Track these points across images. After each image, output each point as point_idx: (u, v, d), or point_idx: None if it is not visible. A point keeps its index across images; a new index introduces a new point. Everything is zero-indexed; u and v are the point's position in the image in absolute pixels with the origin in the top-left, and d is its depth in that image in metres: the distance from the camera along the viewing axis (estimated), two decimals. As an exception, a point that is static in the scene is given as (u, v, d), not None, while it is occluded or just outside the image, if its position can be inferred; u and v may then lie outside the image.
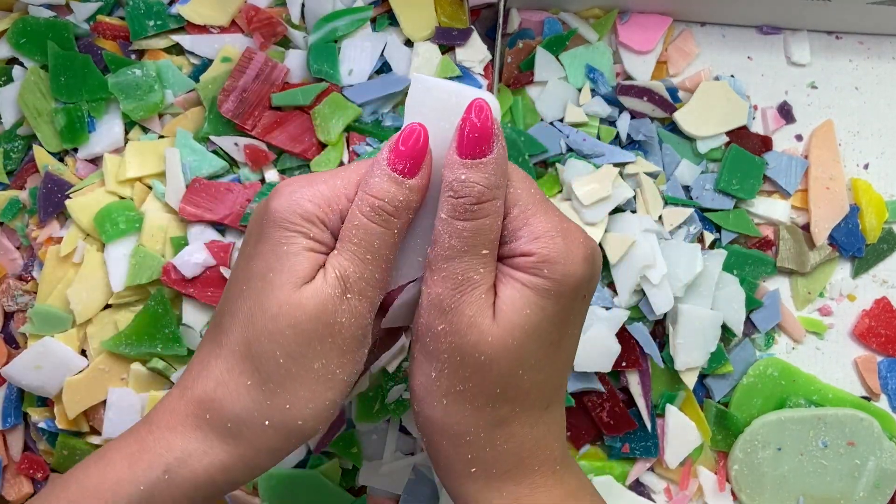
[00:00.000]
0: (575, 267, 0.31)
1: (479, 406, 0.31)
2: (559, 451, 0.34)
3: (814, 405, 0.48)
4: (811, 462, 0.47)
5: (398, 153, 0.31)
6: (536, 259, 0.31)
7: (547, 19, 0.50)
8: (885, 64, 0.52)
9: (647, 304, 0.47)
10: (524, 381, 0.31)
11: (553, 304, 0.31)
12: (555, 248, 0.31)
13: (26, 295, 0.47)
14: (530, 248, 0.31)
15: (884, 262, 0.50)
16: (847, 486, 0.47)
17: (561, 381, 0.34)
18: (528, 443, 0.32)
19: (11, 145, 0.47)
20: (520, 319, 0.30)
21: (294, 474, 0.45)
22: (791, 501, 0.47)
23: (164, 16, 0.48)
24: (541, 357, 0.31)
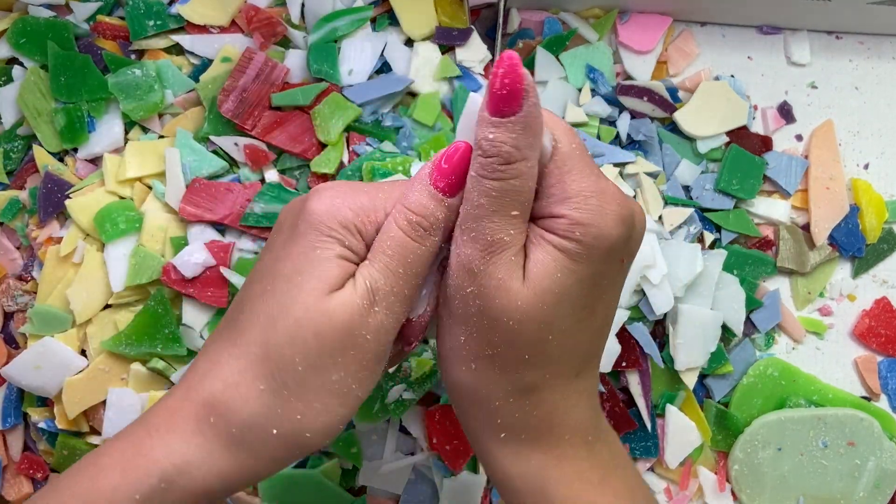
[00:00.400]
0: (609, 230, 0.29)
1: (507, 371, 0.31)
2: (591, 420, 0.33)
3: (814, 405, 0.48)
4: (811, 462, 0.47)
5: (441, 170, 0.30)
6: (568, 221, 0.29)
7: (547, 19, 0.50)
8: (885, 64, 0.52)
9: (647, 304, 0.47)
10: (554, 348, 0.30)
11: (585, 269, 0.29)
12: (588, 210, 0.29)
13: (26, 295, 0.47)
14: (562, 210, 0.29)
15: (884, 262, 0.50)
16: (847, 486, 0.47)
17: (594, 348, 0.33)
18: (558, 411, 0.31)
19: (11, 145, 0.47)
20: (550, 283, 0.29)
21: (294, 474, 0.45)
22: (791, 501, 0.47)
23: (164, 16, 0.48)
24: (572, 323, 0.30)
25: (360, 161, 0.46)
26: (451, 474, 0.46)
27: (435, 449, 0.46)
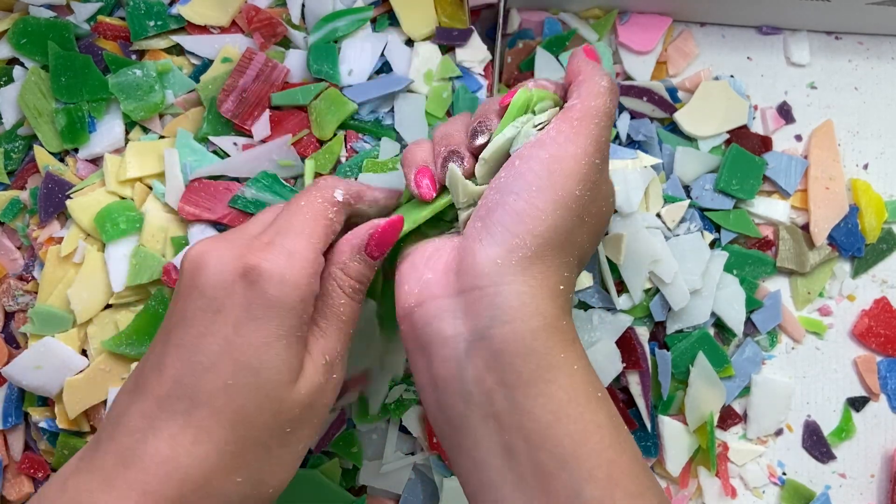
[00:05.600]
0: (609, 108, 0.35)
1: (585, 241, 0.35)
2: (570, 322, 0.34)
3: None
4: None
5: (378, 245, 0.35)
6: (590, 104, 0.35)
7: (547, 19, 0.50)
8: (884, 64, 0.52)
9: (657, 303, 0.47)
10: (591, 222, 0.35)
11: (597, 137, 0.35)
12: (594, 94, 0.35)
13: (27, 295, 0.47)
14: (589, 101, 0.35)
15: (883, 262, 0.50)
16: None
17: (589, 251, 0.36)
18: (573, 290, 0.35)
19: (12, 145, 0.47)
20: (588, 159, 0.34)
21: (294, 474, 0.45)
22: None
23: (165, 16, 0.48)
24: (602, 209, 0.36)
25: (358, 158, 0.46)
26: (451, 474, 0.46)
27: (435, 449, 0.46)
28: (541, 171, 0.33)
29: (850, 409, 0.49)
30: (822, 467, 0.49)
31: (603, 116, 0.35)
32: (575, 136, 0.34)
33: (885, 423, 0.49)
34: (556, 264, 0.33)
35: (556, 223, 0.33)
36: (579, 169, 0.33)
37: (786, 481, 0.49)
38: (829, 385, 0.50)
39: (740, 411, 0.49)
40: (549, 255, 0.33)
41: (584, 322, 0.46)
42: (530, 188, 0.33)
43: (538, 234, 0.33)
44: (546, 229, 0.33)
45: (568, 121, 0.34)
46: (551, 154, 0.34)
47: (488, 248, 0.33)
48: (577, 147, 0.34)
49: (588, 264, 0.47)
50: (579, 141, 0.34)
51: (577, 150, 0.34)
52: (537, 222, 0.33)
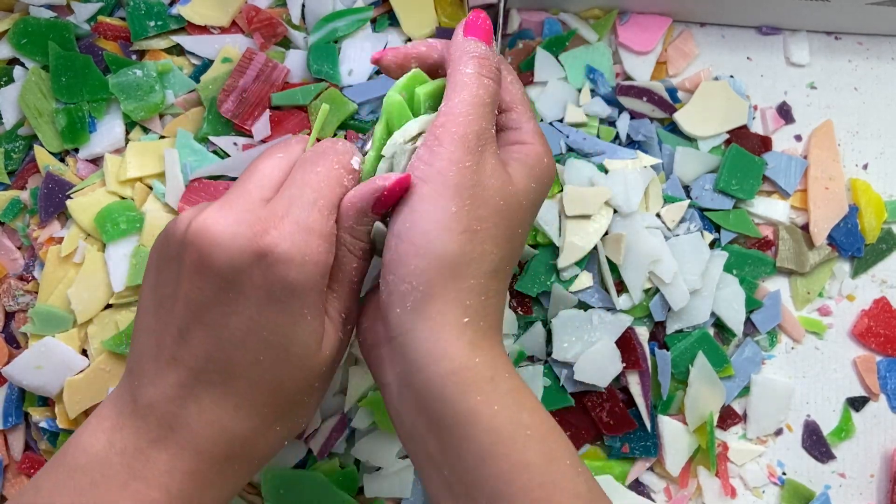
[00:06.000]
0: (552, 163, 0.37)
1: (486, 251, 0.33)
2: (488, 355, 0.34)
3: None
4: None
5: (384, 203, 0.33)
6: (534, 150, 0.36)
7: (547, 20, 0.50)
8: (884, 64, 0.52)
9: (657, 303, 0.47)
10: (517, 241, 0.35)
11: (539, 187, 0.36)
12: (543, 146, 0.36)
13: (27, 295, 0.47)
14: (530, 139, 0.36)
15: (883, 261, 0.50)
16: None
17: (510, 272, 0.36)
18: (498, 310, 0.34)
19: (12, 145, 0.48)
20: (523, 187, 0.35)
21: (295, 474, 0.45)
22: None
23: (165, 16, 0.48)
24: (525, 228, 0.36)
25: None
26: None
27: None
28: (408, 205, 0.33)
29: (850, 409, 0.49)
30: (821, 467, 0.49)
31: (470, 110, 0.33)
32: (434, 159, 0.33)
33: (885, 422, 0.49)
34: (454, 296, 0.32)
35: (439, 253, 0.32)
36: (446, 189, 0.32)
37: (785, 481, 0.49)
38: (829, 385, 0.50)
39: (740, 411, 0.49)
40: (441, 289, 0.32)
41: (583, 322, 0.46)
42: (405, 225, 0.33)
43: (421, 273, 0.32)
44: (428, 265, 0.32)
45: (430, 139, 0.33)
46: (415, 185, 0.33)
47: (389, 298, 0.33)
48: (438, 170, 0.33)
49: (588, 264, 0.47)
50: (438, 163, 0.33)
51: (438, 171, 0.33)
52: (417, 260, 0.32)
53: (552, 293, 0.46)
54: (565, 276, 0.47)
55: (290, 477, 0.45)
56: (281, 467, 0.45)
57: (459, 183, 0.32)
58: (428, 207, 0.32)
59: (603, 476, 0.46)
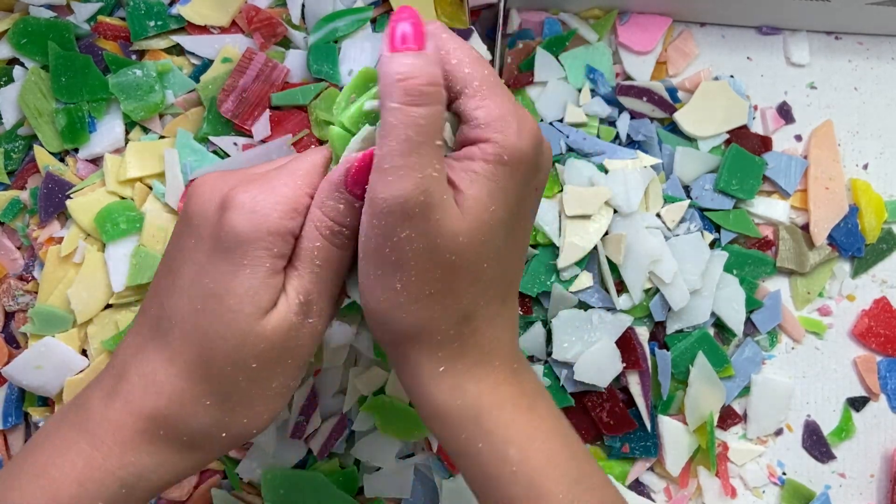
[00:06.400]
0: (528, 149, 0.30)
1: (448, 304, 0.31)
2: (515, 348, 0.34)
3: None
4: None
5: (356, 178, 0.30)
6: (493, 146, 0.29)
7: (547, 20, 0.50)
8: (884, 64, 0.52)
9: (657, 303, 0.47)
10: (487, 273, 0.31)
11: (511, 191, 0.30)
12: (509, 132, 0.29)
13: (27, 295, 0.47)
14: (487, 133, 0.30)
15: (883, 262, 0.50)
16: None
17: (516, 273, 0.34)
18: (489, 336, 0.32)
19: (12, 145, 0.48)
20: (484, 213, 0.30)
21: (295, 474, 0.45)
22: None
23: (165, 16, 0.48)
24: (501, 247, 0.31)
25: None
26: (451, 475, 0.46)
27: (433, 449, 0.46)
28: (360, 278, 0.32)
29: (850, 409, 0.49)
30: (821, 467, 0.49)
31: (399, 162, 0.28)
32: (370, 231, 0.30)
33: (885, 422, 0.49)
34: (426, 352, 0.32)
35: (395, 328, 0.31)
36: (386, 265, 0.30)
37: (786, 481, 0.49)
38: (829, 385, 0.50)
39: (740, 411, 0.49)
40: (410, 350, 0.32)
41: (583, 322, 0.46)
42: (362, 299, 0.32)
43: (387, 342, 0.33)
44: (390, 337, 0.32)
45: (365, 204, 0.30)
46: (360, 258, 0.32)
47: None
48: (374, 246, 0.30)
49: (588, 264, 0.47)
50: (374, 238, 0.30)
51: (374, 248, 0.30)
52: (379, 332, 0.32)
53: (552, 293, 0.46)
54: (565, 276, 0.47)
55: (290, 477, 0.45)
56: (281, 467, 0.45)
57: (398, 259, 0.29)
58: (373, 285, 0.31)
59: (603, 476, 0.47)
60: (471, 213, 0.29)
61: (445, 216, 0.29)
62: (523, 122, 0.30)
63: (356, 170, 0.30)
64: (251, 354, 0.31)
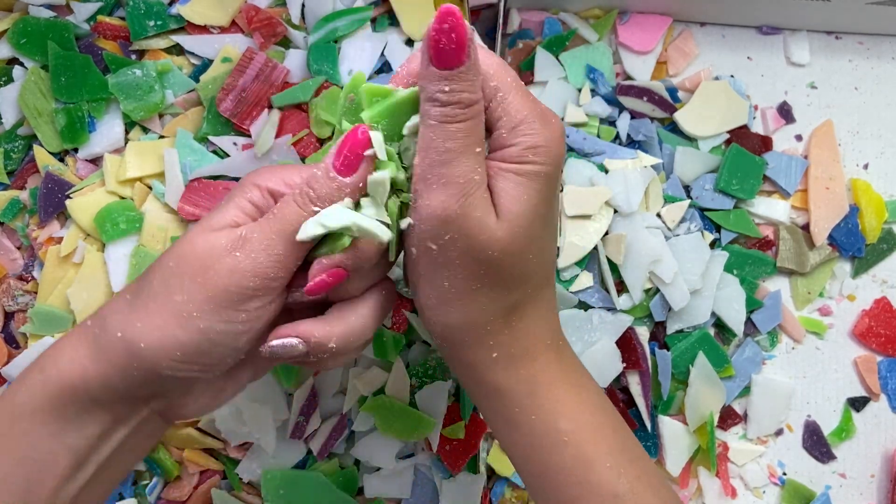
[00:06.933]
0: (556, 145, 0.32)
1: (495, 297, 0.32)
2: (558, 328, 0.36)
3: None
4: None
5: (340, 155, 0.32)
6: (521, 147, 0.31)
7: (547, 19, 0.50)
8: (884, 64, 0.52)
9: (657, 303, 0.47)
10: (531, 264, 0.33)
11: (545, 186, 0.32)
12: (536, 133, 0.31)
13: (27, 295, 0.47)
14: (514, 138, 0.31)
15: (883, 261, 0.50)
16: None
17: (553, 257, 0.35)
18: (536, 321, 0.34)
19: (12, 145, 0.47)
20: (520, 209, 0.31)
21: (296, 474, 0.45)
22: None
23: (165, 16, 0.48)
24: (541, 238, 0.33)
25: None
26: (451, 475, 0.46)
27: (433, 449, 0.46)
28: (413, 280, 0.34)
29: (851, 409, 0.49)
30: (822, 467, 0.49)
31: (441, 172, 0.31)
32: (420, 236, 0.32)
33: (886, 423, 0.49)
34: (477, 343, 0.33)
35: (446, 322, 0.33)
36: (435, 265, 0.33)
37: (786, 481, 0.49)
38: (830, 385, 0.50)
39: (740, 411, 0.49)
40: (462, 343, 0.33)
41: (584, 322, 0.46)
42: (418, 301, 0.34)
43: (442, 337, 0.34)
44: (443, 332, 0.34)
45: (412, 213, 0.32)
46: (411, 260, 0.34)
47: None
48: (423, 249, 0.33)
49: (588, 264, 0.47)
50: (422, 242, 0.32)
51: (424, 250, 0.33)
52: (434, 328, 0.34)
53: (552, 293, 0.46)
54: (565, 276, 0.47)
55: (290, 477, 0.45)
56: (281, 467, 0.45)
57: (445, 259, 0.32)
58: (424, 286, 0.33)
59: (603, 476, 0.46)
60: (506, 211, 0.31)
61: (485, 216, 0.31)
62: (549, 120, 0.32)
63: (341, 146, 0.32)
64: (174, 255, 0.32)
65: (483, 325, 0.33)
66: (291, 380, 0.45)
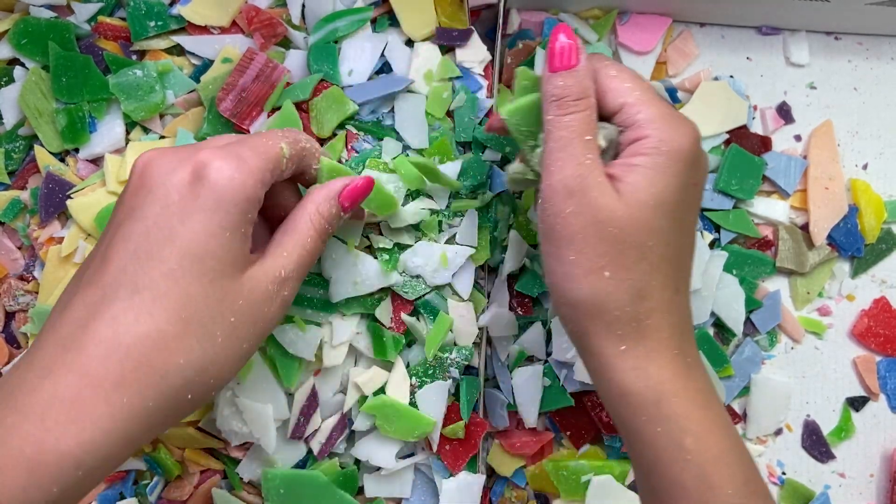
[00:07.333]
0: (687, 143, 0.35)
1: (619, 279, 0.34)
2: (692, 343, 0.36)
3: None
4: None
5: (349, 195, 0.38)
6: (652, 140, 0.34)
7: (547, 20, 0.50)
8: (883, 64, 0.52)
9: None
10: (653, 252, 0.34)
11: (672, 178, 0.34)
12: (666, 129, 0.35)
13: (27, 295, 0.47)
14: (647, 130, 0.35)
15: (883, 261, 0.50)
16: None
17: (685, 263, 0.37)
18: (667, 323, 0.35)
19: (13, 145, 0.48)
20: (644, 195, 0.34)
21: (296, 474, 0.45)
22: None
23: (165, 16, 0.48)
24: (667, 230, 0.35)
25: (360, 157, 0.46)
26: (451, 475, 0.46)
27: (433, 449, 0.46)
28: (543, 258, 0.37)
29: (850, 409, 0.49)
30: (821, 467, 0.49)
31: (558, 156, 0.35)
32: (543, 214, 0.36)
33: (885, 422, 0.49)
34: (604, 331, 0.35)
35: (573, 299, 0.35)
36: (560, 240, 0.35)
37: (785, 481, 0.49)
38: (829, 385, 0.50)
39: (740, 411, 0.49)
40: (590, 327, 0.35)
41: (583, 322, 0.46)
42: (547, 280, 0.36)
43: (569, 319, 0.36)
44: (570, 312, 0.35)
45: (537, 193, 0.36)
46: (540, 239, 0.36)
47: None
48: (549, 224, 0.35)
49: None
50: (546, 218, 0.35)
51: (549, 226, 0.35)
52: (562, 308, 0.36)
53: (552, 293, 0.46)
54: (565, 276, 0.47)
55: (290, 477, 0.45)
56: (281, 467, 0.46)
57: (569, 233, 0.34)
58: (551, 262, 0.35)
59: (603, 476, 0.46)
60: (628, 194, 0.34)
61: (602, 195, 0.34)
62: (680, 122, 0.35)
63: (352, 188, 0.38)
64: (230, 310, 0.33)
65: (609, 309, 0.34)
66: (292, 380, 0.45)
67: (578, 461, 0.47)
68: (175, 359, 0.31)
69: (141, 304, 0.31)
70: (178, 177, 0.33)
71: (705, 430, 0.34)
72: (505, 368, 0.48)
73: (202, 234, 0.32)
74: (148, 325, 0.31)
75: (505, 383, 0.48)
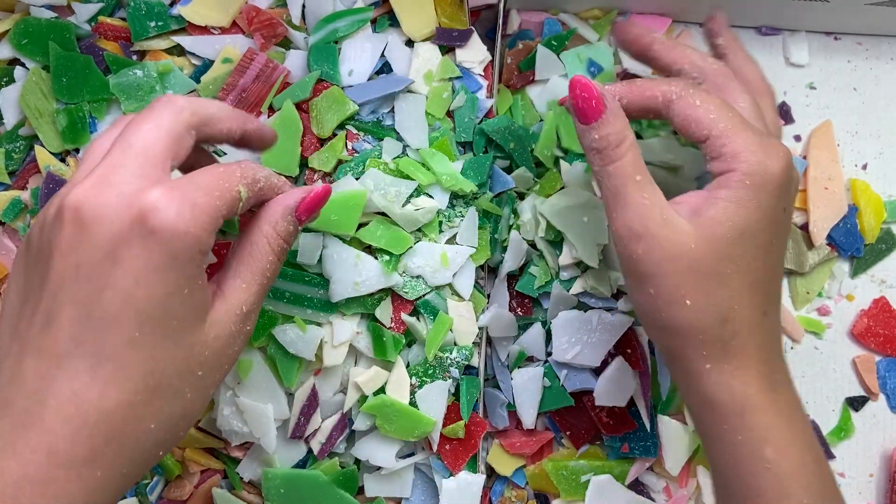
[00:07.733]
0: (775, 170, 0.35)
1: (701, 306, 0.35)
2: (780, 361, 0.37)
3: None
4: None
5: (305, 208, 0.35)
6: (737, 174, 0.35)
7: (547, 20, 0.50)
8: (883, 64, 0.52)
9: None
10: (734, 280, 0.35)
11: (758, 211, 0.35)
12: (753, 161, 0.35)
13: (28, 295, 0.47)
14: (733, 165, 0.35)
15: (882, 261, 0.50)
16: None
17: (773, 287, 0.37)
18: (753, 344, 0.35)
19: (13, 146, 0.48)
20: (722, 230, 0.34)
21: (296, 474, 0.45)
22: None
23: (165, 17, 0.48)
24: (750, 260, 0.35)
25: (360, 157, 0.46)
26: (451, 474, 0.46)
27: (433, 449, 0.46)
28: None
29: (849, 409, 0.49)
30: (821, 467, 0.49)
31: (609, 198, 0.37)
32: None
33: (884, 422, 0.49)
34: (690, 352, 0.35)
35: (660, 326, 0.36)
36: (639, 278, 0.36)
37: (785, 481, 0.49)
38: (828, 385, 0.50)
39: (740, 411, 0.49)
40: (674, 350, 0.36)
41: (584, 322, 0.46)
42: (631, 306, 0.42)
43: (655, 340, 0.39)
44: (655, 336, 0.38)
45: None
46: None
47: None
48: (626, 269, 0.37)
49: (588, 264, 0.47)
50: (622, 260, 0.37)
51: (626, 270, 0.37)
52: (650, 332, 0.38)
53: (552, 293, 0.46)
54: (565, 276, 0.47)
55: (290, 477, 0.45)
56: (281, 467, 0.46)
57: (643, 270, 0.35)
58: (634, 294, 0.37)
59: (602, 476, 0.47)
60: (706, 228, 0.35)
61: (672, 232, 0.35)
62: (769, 149, 0.35)
63: (310, 200, 0.35)
64: (197, 363, 0.32)
65: (695, 333, 0.35)
66: (292, 380, 0.45)
67: (578, 461, 0.47)
68: (146, 425, 0.30)
69: (105, 377, 0.29)
70: (124, 227, 0.29)
71: (786, 443, 0.35)
72: (505, 368, 0.48)
73: (161, 295, 0.30)
74: (116, 399, 0.29)
75: (505, 383, 0.48)
